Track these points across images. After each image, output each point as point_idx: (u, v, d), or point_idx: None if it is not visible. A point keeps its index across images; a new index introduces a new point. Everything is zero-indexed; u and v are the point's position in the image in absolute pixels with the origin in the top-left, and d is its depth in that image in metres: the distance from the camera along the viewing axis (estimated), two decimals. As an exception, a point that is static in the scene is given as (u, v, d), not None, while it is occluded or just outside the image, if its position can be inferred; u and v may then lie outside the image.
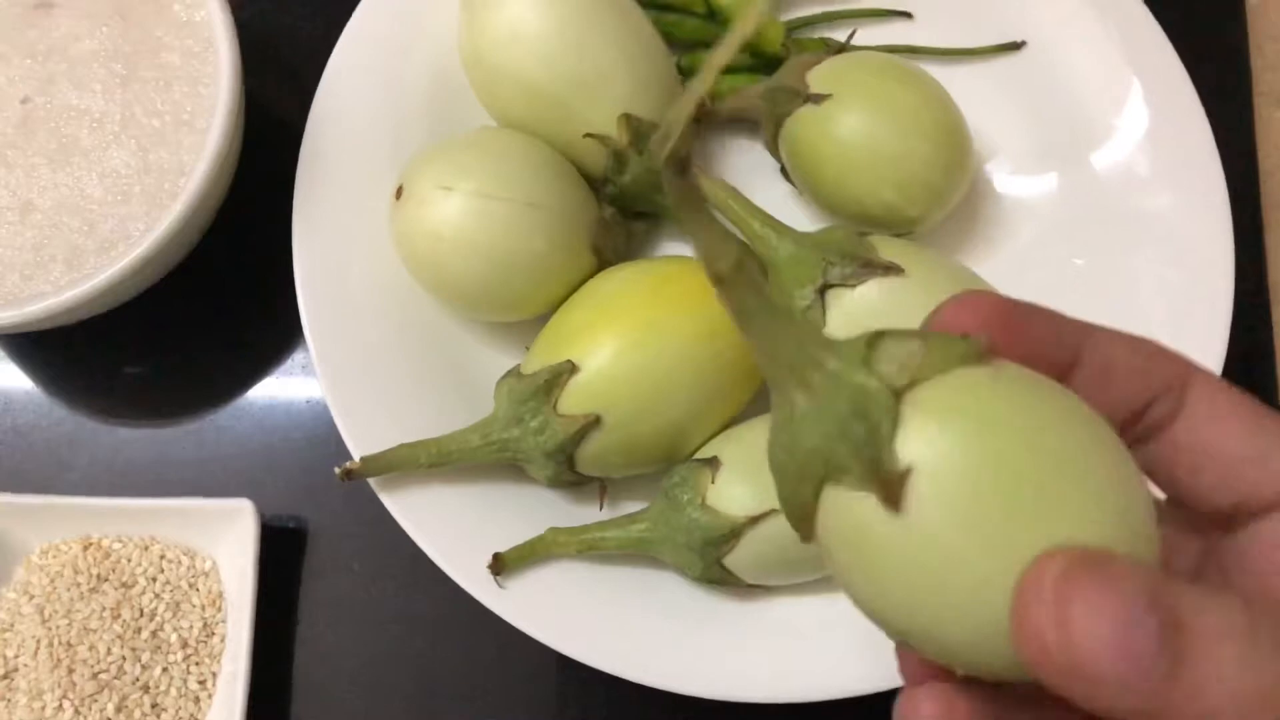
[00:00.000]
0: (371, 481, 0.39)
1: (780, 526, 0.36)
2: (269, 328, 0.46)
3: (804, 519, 0.22)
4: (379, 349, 0.41)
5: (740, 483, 0.37)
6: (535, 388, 0.38)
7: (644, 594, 0.39)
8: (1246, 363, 0.45)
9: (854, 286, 0.37)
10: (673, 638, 0.38)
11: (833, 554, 0.21)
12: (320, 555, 0.43)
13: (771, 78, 0.44)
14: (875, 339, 0.21)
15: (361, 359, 0.41)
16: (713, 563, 0.37)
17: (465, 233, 0.38)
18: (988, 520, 0.19)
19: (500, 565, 0.37)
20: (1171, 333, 0.42)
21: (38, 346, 0.45)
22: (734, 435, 0.39)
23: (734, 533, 0.36)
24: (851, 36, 0.46)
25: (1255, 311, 0.47)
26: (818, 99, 0.41)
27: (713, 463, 0.37)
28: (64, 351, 0.45)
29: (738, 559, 0.37)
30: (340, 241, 0.42)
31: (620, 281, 0.40)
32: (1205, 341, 0.41)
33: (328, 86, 0.43)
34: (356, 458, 0.39)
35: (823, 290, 0.37)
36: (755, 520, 0.36)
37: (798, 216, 0.46)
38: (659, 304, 0.38)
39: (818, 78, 0.42)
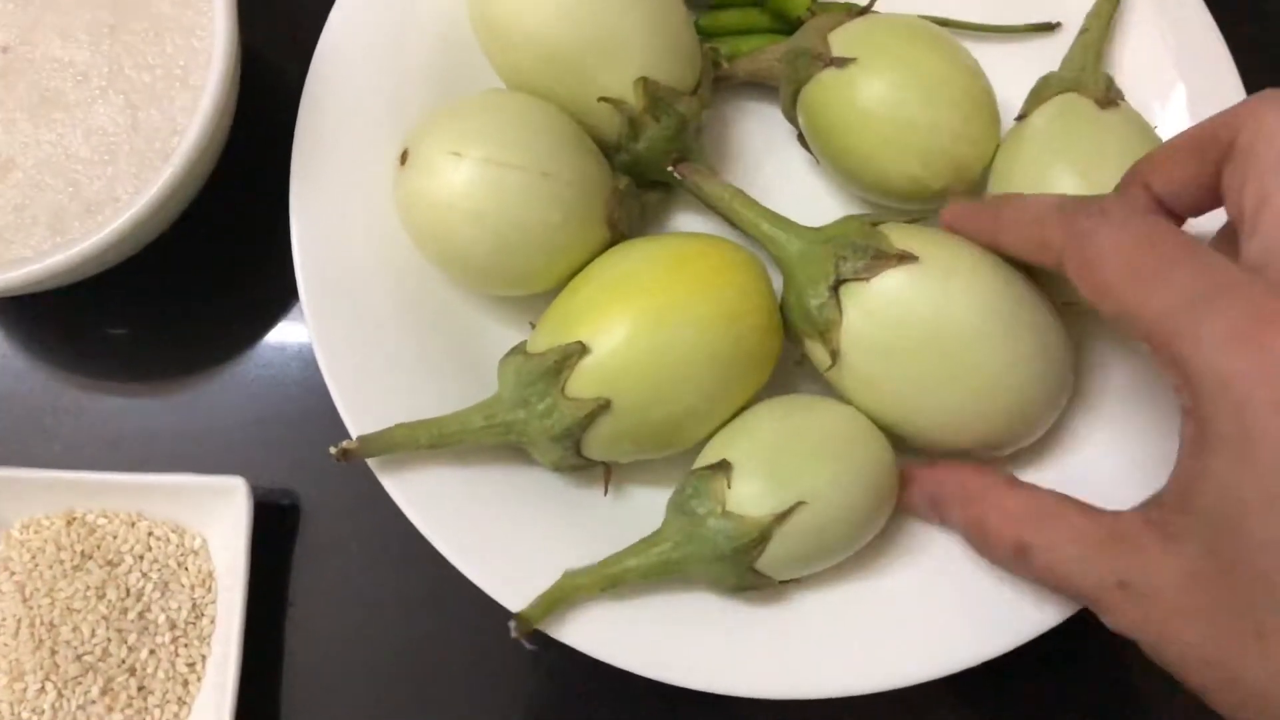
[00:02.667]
0: (370, 461, 0.37)
1: (807, 515, 0.35)
2: (263, 293, 0.44)
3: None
4: (378, 322, 0.39)
5: (756, 481, 0.35)
6: (543, 368, 0.36)
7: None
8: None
9: (868, 280, 0.36)
10: (697, 637, 0.37)
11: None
12: (313, 533, 0.42)
13: (791, 39, 0.42)
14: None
15: (360, 332, 0.39)
16: (745, 569, 0.35)
17: (475, 202, 0.36)
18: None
19: (526, 626, 0.35)
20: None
21: (16, 306, 0.43)
22: (736, 433, 0.37)
23: (763, 535, 0.35)
24: (874, 1, 0.44)
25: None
26: (841, 62, 0.39)
27: (724, 467, 0.36)
28: (45, 313, 0.43)
29: (769, 559, 0.35)
30: (340, 207, 0.40)
31: (635, 259, 0.38)
32: None
33: (328, 42, 0.40)
34: (354, 436, 0.37)
35: (836, 286, 0.36)
36: (782, 517, 0.34)
37: (816, 188, 0.44)
38: (676, 284, 0.37)
39: (841, 40, 0.40)
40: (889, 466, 0.37)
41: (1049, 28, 0.45)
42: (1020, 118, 0.41)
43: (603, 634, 0.37)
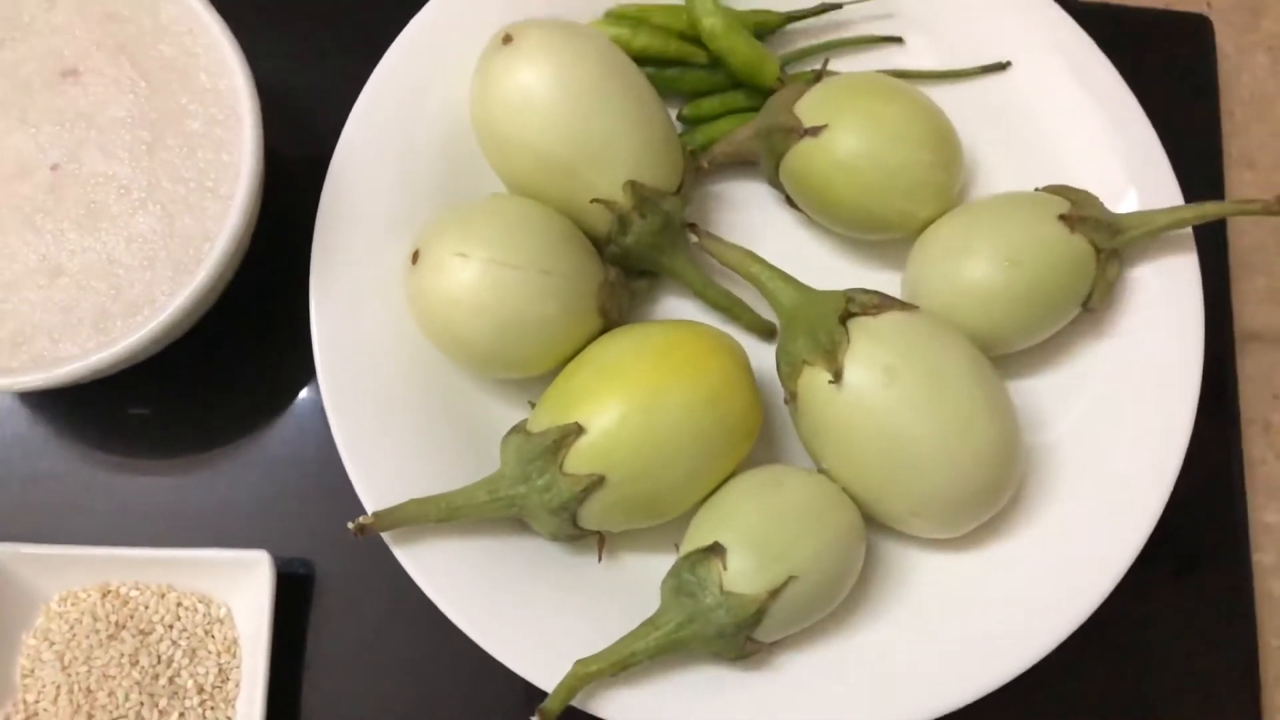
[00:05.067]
0: (384, 535, 0.41)
1: (796, 587, 0.38)
2: (281, 377, 0.47)
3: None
4: (391, 404, 0.43)
5: (749, 560, 0.39)
6: (543, 447, 0.40)
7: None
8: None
9: (875, 315, 0.40)
10: (696, 699, 0.40)
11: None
12: (329, 600, 0.45)
13: (759, 116, 0.47)
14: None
15: (374, 414, 0.42)
16: (744, 641, 0.39)
17: (480, 298, 0.40)
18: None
19: (548, 716, 0.38)
20: (1141, 395, 0.45)
21: (51, 393, 0.46)
22: (722, 514, 0.41)
23: (760, 610, 0.38)
24: (826, 64, 0.48)
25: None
26: (814, 131, 0.44)
27: (717, 550, 0.39)
28: (78, 399, 0.46)
29: (762, 629, 0.39)
30: (355, 300, 0.43)
31: (625, 347, 0.42)
32: (1178, 383, 0.44)
33: (343, 151, 0.44)
34: (369, 512, 0.40)
35: (845, 319, 0.40)
36: (776, 592, 0.38)
37: (806, 240, 0.49)
38: (662, 370, 0.40)
39: (808, 109, 0.45)
40: (859, 530, 0.41)
41: (1000, 67, 0.49)
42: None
43: (616, 702, 0.40)
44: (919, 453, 0.40)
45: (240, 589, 0.42)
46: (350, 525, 0.40)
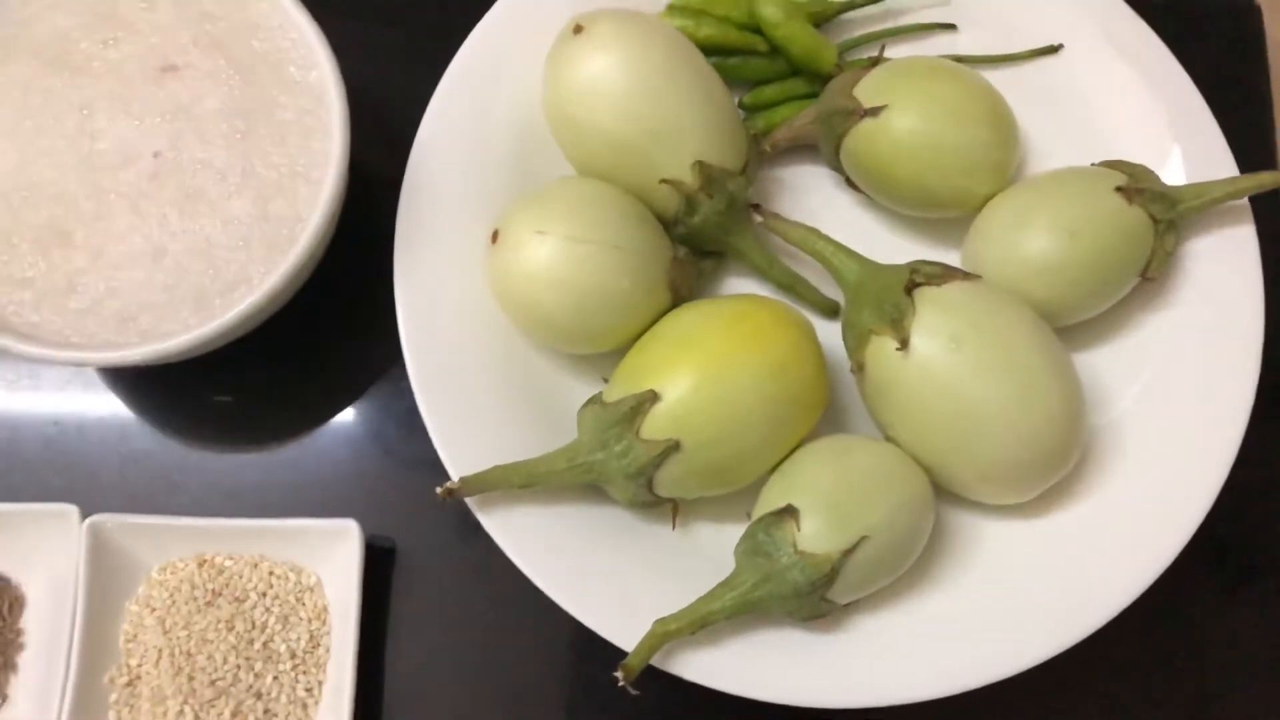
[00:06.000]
0: (469, 502, 0.42)
1: (869, 547, 0.40)
2: (365, 357, 0.49)
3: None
4: (472, 380, 0.45)
5: (822, 521, 0.40)
6: (620, 415, 0.41)
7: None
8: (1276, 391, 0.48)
9: (940, 285, 0.42)
10: (772, 659, 0.42)
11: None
12: (410, 572, 0.47)
13: (819, 101, 0.48)
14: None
15: (457, 389, 0.44)
16: (818, 600, 0.40)
17: (557, 273, 0.42)
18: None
19: (630, 674, 0.40)
20: (1203, 366, 0.45)
21: (145, 379, 0.49)
22: (793, 478, 0.42)
23: (834, 569, 0.39)
24: (882, 50, 0.50)
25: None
26: (874, 112, 0.46)
27: (791, 511, 0.40)
28: (171, 382, 0.49)
29: (836, 589, 0.40)
30: (437, 280, 0.45)
31: (696, 318, 0.43)
32: (1238, 350, 0.45)
33: (423, 139, 0.46)
34: (455, 479, 0.42)
35: (910, 289, 0.42)
36: (849, 551, 0.39)
37: (865, 221, 0.50)
38: (733, 339, 0.42)
39: (866, 92, 0.46)
40: (928, 496, 0.42)
41: (1051, 50, 0.50)
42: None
43: (694, 663, 0.41)
44: (986, 417, 0.41)
45: (329, 558, 0.44)
46: (438, 490, 0.41)
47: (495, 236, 0.43)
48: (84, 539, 0.42)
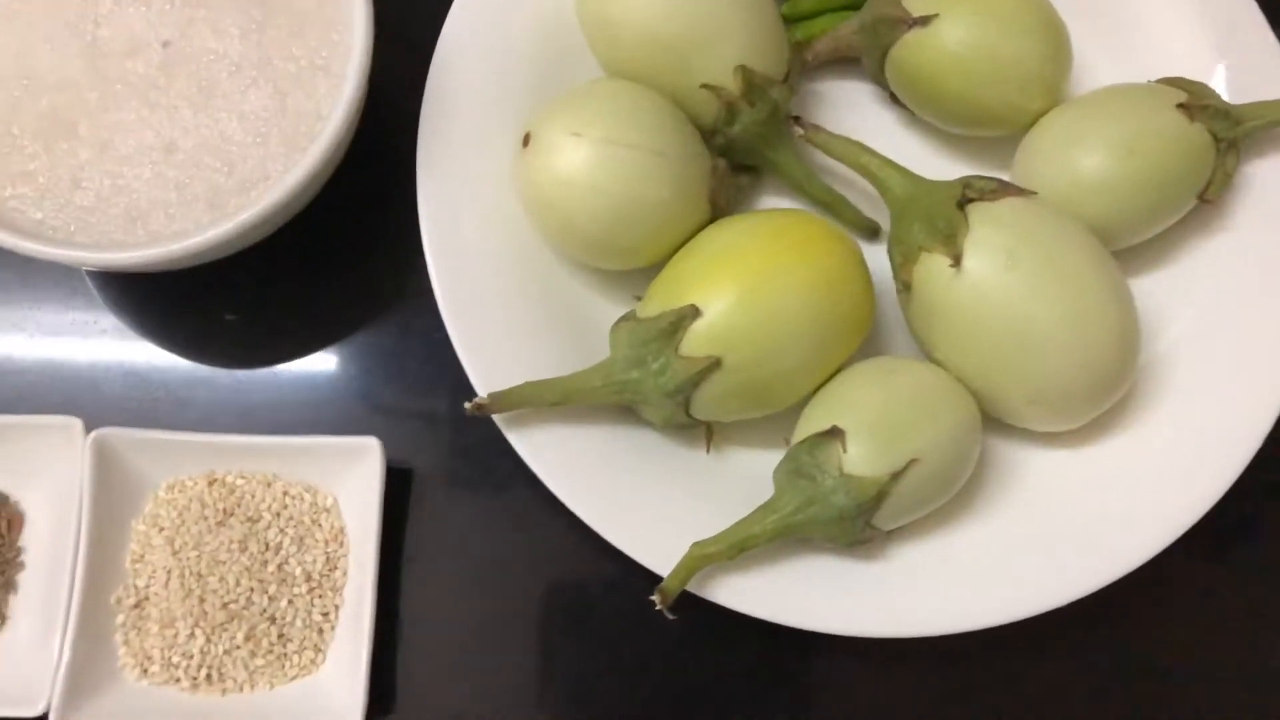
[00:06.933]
0: (496, 419, 0.40)
1: (917, 471, 0.38)
2: (378, 275, 0.47)
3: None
4: (499, 294, 0.42)
5: (869, 443, 0.38)
6: (658, 330, 0.39)
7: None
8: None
9: (994, 200, 0.40)
10: (812, 586, 0.40)
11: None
12: (427, 495, 0.44)
13: (864, 9, 0.46)
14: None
15: (483, 304, 0.42)
16: (863, 526, 0.38)
17: (594, 178, 0.39)
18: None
19: (668, 597, 0.38)
20: (1259, 294, 0.44)
21: (150, 288, 0.46)
22: (837, 399, 0.40)
23: (881, 493, 0.38)
24: None
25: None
26: (924, 21, 0.43)
27: (836, 433, 0.38)
28: (180, 295, 0.46)
29: (881, 514, 0.38)
30: (462, 189, 0.43)
31: (738, 231, 0.41)
32: None
33: (446, 42, 0.44)
34: (482, 395, 0.40)
35: (963, 204, 0.39)
36: (898, 475, 0.37)
37: (907, 137, 0.48)
38: (777, 253, 0.40)
39: (915, 0, 0.44)
40: (976, 419, 0.40)
41: None
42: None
43: (730, 588, 0.40)
44: (1040, 337, 0.39)
45: (346, 479, 0.42)
46: (466, 406, 0.39)
47: (527, 140, 0.41)
48: (88, 453, 0.40)
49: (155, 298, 0.46)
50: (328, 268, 0.46)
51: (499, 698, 0.42)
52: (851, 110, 0.48)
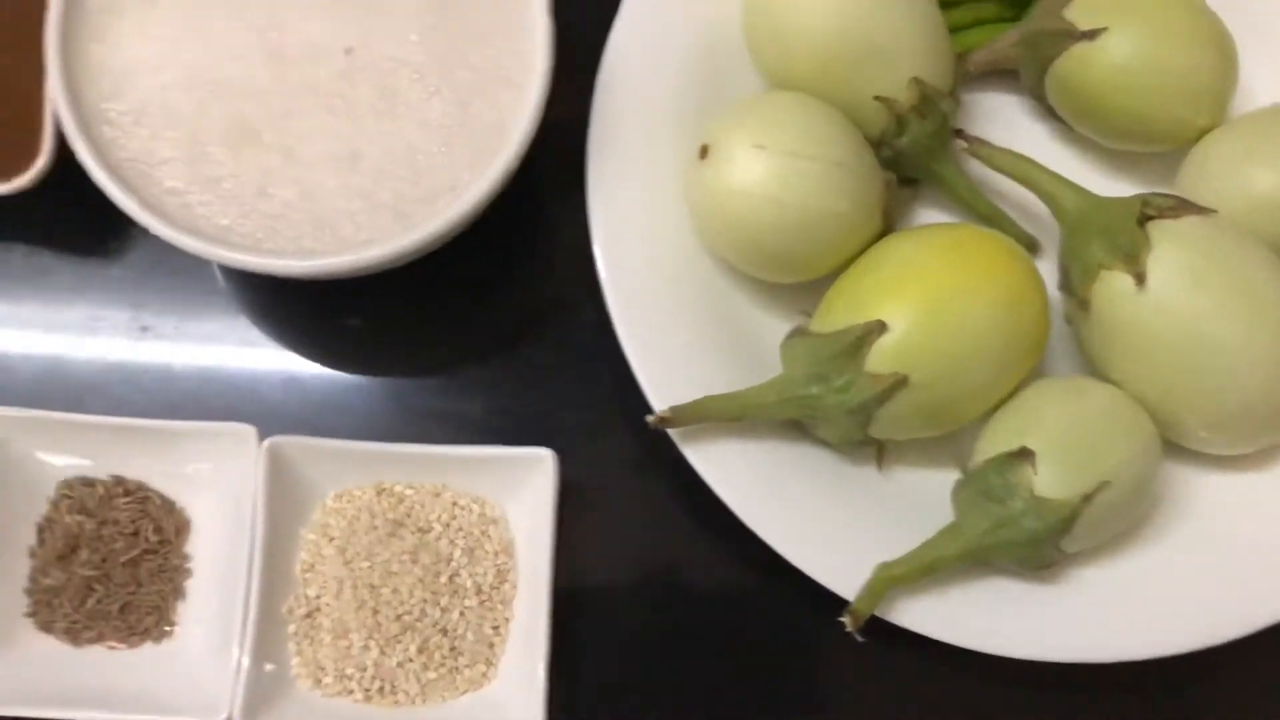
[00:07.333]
0: (671, 434, 0.40)
1: (1108, 494, 0.37)
2: (544, 283, 0.46)
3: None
4: (669, 307, 0.42)
5: (1059, 466, 0.37)
6: (842, 347, 0.39)
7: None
8: None
9: (1177, 218, 0.39)
10: (994, 605, 0.40)
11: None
12: (591, 506, 0.44)
13: (1024, 22, 0.45)
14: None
15: (655, 316, 0.42)
16: (1052, 549, 0.38)
17: (777, 190, 0.39)
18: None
19: (858, 619, 0.38)
20: None
21: (312, 293, 0.46)
22: (1022, 419, 0.39)
23: (1072, 515, 0.37)
24: None
25: None
26: (1091, 34, 0.43)
27: (1025, 454, 0.38)
28: (339, 300, 0.46)
29: (1070, 538, 0.38)
30: (632, 200, 0.43)
31: (919, 246, 0.41)
32: None
33: (613, 53, 0.43)
34: (656, 409, 0.40)
35: (1142, 221, 0.39)
36: (1089, 498, 0.37)
37: (1061, 152, 0.47)
38: (962, 269, 0.39)
39: (1080, 13, 0.43)
40: (1159, 441, 0.40)
41: None
42: None
43: (913, 611, 0.39)
44: (1226, 358, 0.38)
45: (516, 490, 0.42)
46: (649, 419, 0.39)
47: (704, 151, 0.40)
48: (263, 461, 0.40)
49: (316, 306, 0.46)
50: (490, 277, 0.46)
51: (668, 712, 0.42)
52: (999, 121, 0.48)
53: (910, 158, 0.43)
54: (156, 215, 0.37)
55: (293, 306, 0.46)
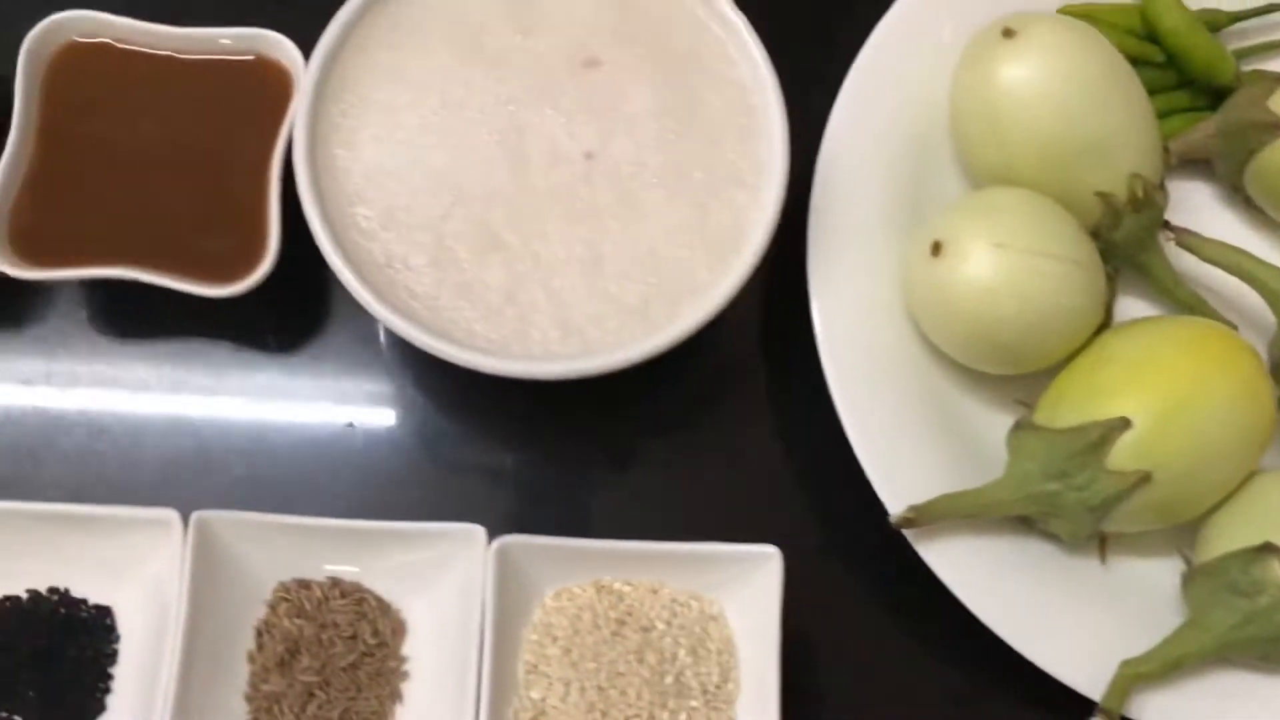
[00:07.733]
0: (905, 532, 0.40)
1: None
2: (759, 378, 0.46)
3: None
4: (893, 402, 0.42)
5: None
6: (1083, 444, 0.38)
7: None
8: None
9: None
10: (1234, 699, 0.39)
11: None
12: (809, 600, 0.43)
13: (1221, 113, 0.45)
14: None
15: (880, 413, 0.42)
16: None
17: (1019, 288, 0.39)
18: None
19: (1111, 718, 0.38)
20: None
21: (515, 391, 0.46)
22: (1258, 513, 0.39)
23: None
24: None
25: None
26: None
27: (1271, 549, 0.37)
28: (553, 397, 0.45)
29: None
30: (852, 295, 0.43)
31: (1150, 339, 0.41)
32: None
33: (830, 146, 0.44)
34: (889, 508, 0.40)
35: None
36: None
37: (1252, 242, 0.46)
38: (1201, 363, 0.39)
39: None
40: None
41: None
42: None
43: (1153, 706, 0.39)
44: None
45: (734, 586, 0.41)
46: (892, 518, 0.39)
47: (936, 248, 0.40)
48: (492, 561, 0.40)
49: (544, 405, 0.46)
50: (717, 371, 0.46)
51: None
52: (1189, 210, 0.48)
53: (1122, 249, 0.44)
54: (408, 320, 0.37)
55: (474, 402, 0.46)
